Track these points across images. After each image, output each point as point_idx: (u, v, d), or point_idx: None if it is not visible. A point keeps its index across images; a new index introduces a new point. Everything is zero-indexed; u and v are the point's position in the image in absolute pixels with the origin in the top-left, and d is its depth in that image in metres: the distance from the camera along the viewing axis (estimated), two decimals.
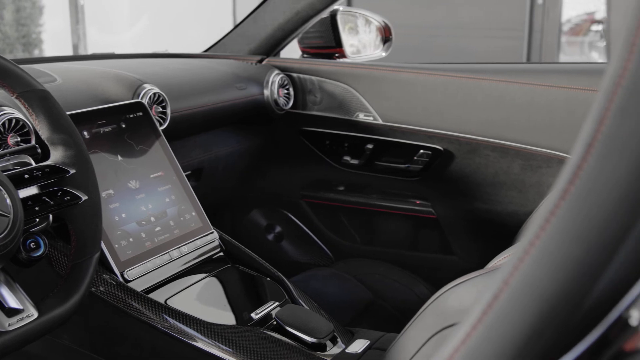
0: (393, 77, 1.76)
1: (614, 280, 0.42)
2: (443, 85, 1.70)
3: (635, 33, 0.43)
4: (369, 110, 1.79)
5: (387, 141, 1.80)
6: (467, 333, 0.42)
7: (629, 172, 0.41)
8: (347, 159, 1.88)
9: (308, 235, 2.03)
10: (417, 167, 1.79)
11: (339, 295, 1.71)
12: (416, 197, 1.87)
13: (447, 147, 1.73)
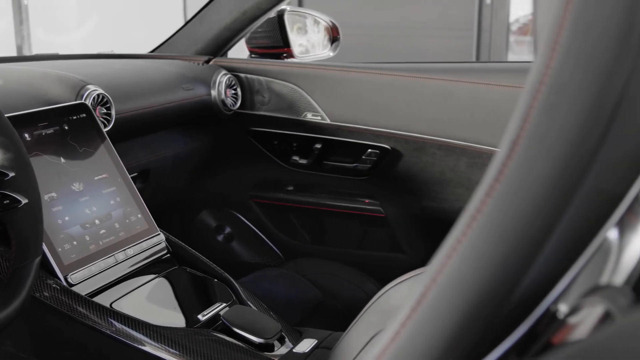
0: (341, 77, 1.77)
1: (540, 275, 0.43)
2: (390, 84, 1.71)
3: (557, 31, 0.43)
4: (317, 110, 1.79)
5: (336, 141, 1.80)
6: (396, 331, 0.42)
7: (552, 168, 0.42)
8: (296, 159, 1.88)
9: (258, 236, 2.03)
10: (366, 166, 1.80)
11: (289, 295, 1.71)
12: (365, 196, 1.88)
13: (395, 146, 1.74)
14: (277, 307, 1.43)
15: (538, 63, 0.44)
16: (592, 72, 0.42)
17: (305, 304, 1.68)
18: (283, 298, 1.69)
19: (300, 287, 1.74)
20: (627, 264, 0.51)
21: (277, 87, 1.83)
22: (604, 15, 0.43)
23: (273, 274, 1.82)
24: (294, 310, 1.64)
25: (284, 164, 1.90)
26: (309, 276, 1.78)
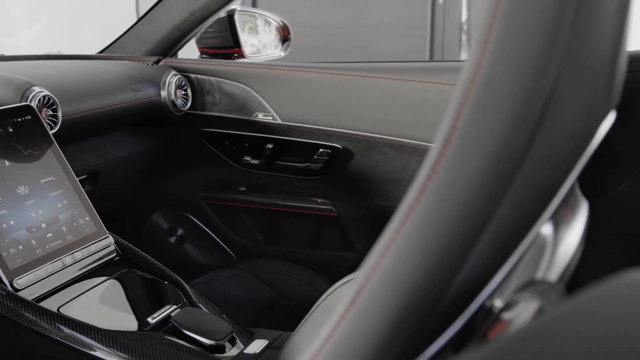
0: (291, 77, 1.77)
1: (474, 271, 0.44)
2: (340, 84, 1.72)
3: (488, 31, 0.44)
4: (267, 110, 1.79)
5: (287, 140, 1.80)
6: (331, 330, 0.42)
7: (483, 166, 0.42)
8: (248, 159, 1.87)
9: (210, 237, 2.02)
10: (317, 165, 1.80)
11: (241, 295, 1.71)
12: (317, 195, 1.88)
13: (346, 145, 1.75)
14: (230, 308, 1.42)
15: (469, 62, 0.44)
16: (522, 71, 0.43)
17: (258, 305, 1.67)
18: (236, 299, 1.68)
19: (252, 287, 1.73)
20: (561, 258, 0.52)
21: (228, 87, 1.83)
22: (533, 15, 0.44)
23: (226, 275, 1.81)
24: (246, 310, 1.64)
25: (235, 165, 1.90)
26: (262, 276, 1.78)
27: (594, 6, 0.46)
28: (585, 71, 0.47)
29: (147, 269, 1.34)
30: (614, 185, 1.65)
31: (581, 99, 0.47)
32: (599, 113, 0.51)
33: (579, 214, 0.57)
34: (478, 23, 0.46)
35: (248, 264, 1.92)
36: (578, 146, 0.49)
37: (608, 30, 0.49)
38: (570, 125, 0.47)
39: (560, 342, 0.34)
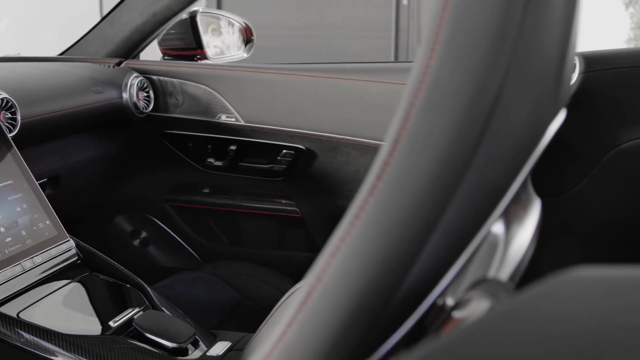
0: (254, 78, 1.77)
1: (425, 270, 0.44)
2: (303, 85, 1.72)
3: (436, 32, 0.45)
4: (230, 112, 1.79)
5: (250, 142, 1.80)
6: (282, 331, 0.43)
7: (432, 167, 0.43)
8: (211, 161, 1.87)
9: (174, 239, 2.01)
10: (281, 167, 1.80)
11: (206, 298, 1.70)
12: (281, 196, 1.88)
13: (309, 146, 1.75)
14: (194, 311, 1.42)
15: (418, 63, 0.45)
16: (470, 71, 0.44)
17: (222, 307, 1.67)
18: (200, 301, 1.67)
19: (217, 289, 1.73)
20: (513, 256, 0.53)
21: (191, 89, 1.82)
22: (480, 16, 0.44)
23: (190, 277, 1.81)
24: (211, 313, 1.63)
25: (199, 167, 1.89)
26: (226, 278, 1.78)
27: (541, 8, 0.47)
28: (533, 72, 0.48)
29: (109, 272, 1.33)
30: (571, 185, 1.67)
31: (529, 100, 0.48)
32: (548, 113, 0.52)
33: (532, 212, 0.58)
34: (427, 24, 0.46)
35: (212, 266, 1.91)
36: (527, 146, 0.50)
37: (555, 31, 0.50)
38: (519, 125, 0.48)
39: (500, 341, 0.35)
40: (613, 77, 1.60)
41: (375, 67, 1.78)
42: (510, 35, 0.45)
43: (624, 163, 1.62)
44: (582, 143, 1.65)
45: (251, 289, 1.75)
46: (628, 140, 1.61)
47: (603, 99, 1.61)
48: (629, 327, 0.33)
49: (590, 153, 1.65)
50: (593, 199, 1.67)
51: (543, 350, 0.33)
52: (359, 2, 7.47)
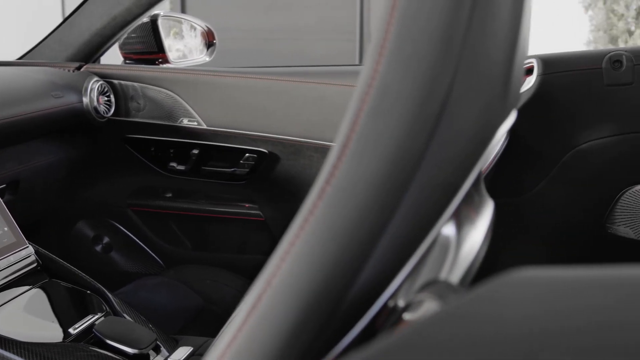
0: (215, 82, 1.76)
1: (375, 273, 0.44)
2: (265, 88, 1.72)
3: (384, 36, 0.45)
4: (192, 116, 1.78)
5: (213, 146, 1.80)
6: (233, 336, 0.43)
7: (380, 170, 0.43)
8: (174, 165, 1.86)
9: (137, 245, 1.99)
10: (244, 170, 1.80)
11: (169, 303, 1.69)
12: (244, 200, 1.88)
13: (272, 149, 1.75)
14: (157, 316, 1.41)
15: (366, 67, 0.45)
16: (417, 75, 0.44)
17: (186, 312, 1.66)
18: (163, 306, 1.66)
19: (180, 294, 1.72)
20: (465, 257, 0.54)
21: (152, 93, 1.81)
22: (427, 20, 0.45)
23: (153, 283, 1.79)
24: (174, 318, 1.62)
25: (161, 171, 1.88)
26: (190, 283, 1.77)
27: (487, 11, 0.47)
28: (481, 75, 0.48)
29: (69, 279, 1.32)
30: (531, 186, 1.70)
31: (477, 102, 0.49)
32: (497, 115, 0.53)
33: (484, 214, 0.58)
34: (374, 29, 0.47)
35: (176, 271, 1.90)
36: (476, 147, 0.51)
37: (502, 35, 0.50)
38: (468, 127, 0.48)
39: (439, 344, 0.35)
40: (571, 79, 1.62)
41: (338, 70, 1.79)
42: (457, 40, 0.45)
43: (582, 164, 1.65)
44: (541, 144, 1.68)
45: (215, 294, 1.75)
46: (586, 142, 1.63)
47: (561, 100, 1.64)
48: (568, 329, 0.34)
49: (549, 154, 1.67)
50: (552, 199, 1.69)
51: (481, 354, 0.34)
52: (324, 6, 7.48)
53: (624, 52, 1.59)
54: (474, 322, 0.36)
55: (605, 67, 1.59)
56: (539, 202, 1.70)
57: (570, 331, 0.33)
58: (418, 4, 0.45)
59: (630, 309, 0.34)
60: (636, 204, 1.64)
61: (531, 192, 1.70)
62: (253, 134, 1.75)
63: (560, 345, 0.32)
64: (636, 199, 1.64)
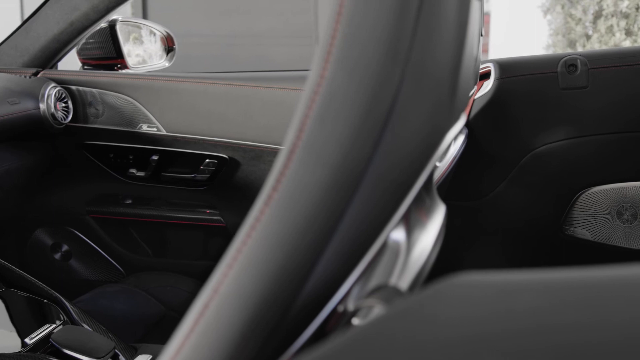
0: (174, 87, 1.75)
1: (323, 278, 0.45)
2: (224, 93, 1.72)
3: (330, 42, 0.45)
4: (152, 122, 1.77)
5: (173, 152, 1.79)
6: (180, 344, 0.42)
7: (327, 176, 0.43)
8: (133, 172, 1.84)
9: (97, 252, 1.97)
10: (204, 176, 1.79)
11: (129, 310, 1.68)
12: (205, 206, 1.87)
13: (232, 155, 1.75)
14: (117, 324, 1.39)
15: (312, 74, 0.45)
16: (363, 81, 0.44)
17: (146, 319, 1.64)
18: (123, 314, 1.65)
19: (141, 302, 1.70)
20: (415, 261, 0.54)
21: (111, 99, 1.79)
22: (373, 26, 0.45)
23: (113, 290, 1.77)
24: (135, 326, 1.61)
25: (121, 178, 1.86)
26: (151, 290, 1.75)
27: (433, 16, 0.48)
28: (428, 78, 0.49)
29: (26, 288, 1.30)
30: (490, 189, 1.71)
31: (425, 106, 0.49)
32: (445, 119, 0.53)
33: (435, 218, 0.59)
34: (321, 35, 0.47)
35: (136, 278, 1.88)
36: (425, 152, 0.51)
37: (448, 39, 0.51)
38: (416, 132, 0.49)
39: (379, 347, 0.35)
40: (527, 83, 1.65)
41: (297, 74, 1.79)
42: (402, 46, 0.46)
43: (539, 166, 1.67)
44: (498, 148, 1.70)
45: (176, 300, 1.73)
46: (543, 145, 1.66)
47: (518, 104, 1.66)
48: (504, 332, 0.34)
49: (507, 157, 1.69)
50: (510, 201, 1.71)
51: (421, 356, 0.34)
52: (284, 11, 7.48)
53: (578, 56, 1.62)
54: (414, 326, 0.36)
55: (560, 71, 1.61)
56: (497, 204, 1.71)
57: (506, 334, 0.34)
58: (364, 10, 0.45)
59: (564, 311, 0.35)
60: (592, 205, 1.67)
61: (490, 195, 1.71)
62: (213, 140, 1.74)
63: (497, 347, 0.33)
64: (592, 200, 1.67)
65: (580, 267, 0.40)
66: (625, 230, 1.65)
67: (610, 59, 1.61)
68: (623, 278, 0.38)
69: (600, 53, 1.65)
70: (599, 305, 0.35)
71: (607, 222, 1.66)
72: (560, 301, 0.35)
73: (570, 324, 0.33)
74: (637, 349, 0.31)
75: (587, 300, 0.35)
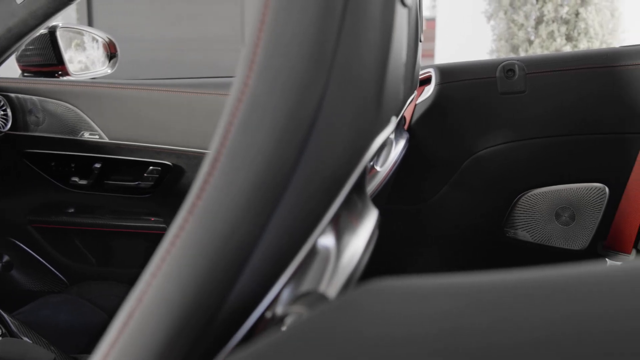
0: (116, 94, 1.74)
1: (250, 284, 0.45)
2: (167, 100, 1.71)
3: (253, 50, 0.45)
4: (94, 129, 1.75)
5: (115, 159, 1.77)
6: (105, 354, 0.42)
7: (251, 183, 0.43)
8: (76, 180, 1.82)
9: (39, 262, 1.94)
10: (148, 183, 1.78)
11: (73, 321, 1.65)
12: (149, 214, 1.85)
13: (176, 162, 1.74)
14: (60, 335, 1.37)
15: (237, 81, 0.46)
16: (287, 87, 0.45)
17: (90, 329, 1.62)
18: (66, 325, 1.62)
19: (85, 311, 1.68)
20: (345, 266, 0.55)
21: (52, 106, 1.77)
22: (296, 32, 0.45)
23: (56, 301, 1.75)
24: (78, 336, 1.59)
25: (63, 186, 1.83)
26: (94, 300, 1.73)
27: (357, 23, 0.49)
28: (353, 85, 0.49)
29: None
30: (432, 193, 1.74)
31: (351, 112, 0.50)
32: (372, 124, 0.54)
33: (366, 222, 0.59)
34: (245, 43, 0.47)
35: (80, 288, 1.86)
36: (352, 157, 0.52)
37: (373, 45, 0.52)
38: (342, 137, 0.49)
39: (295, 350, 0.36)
40: (467, 88, 1.67)
41: None
42: (327, 52, 0.46)
43: (480, 170, 1.70)
44: (440, 152, 1.72)
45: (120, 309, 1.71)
46: (483, 148, 1.68)
47: (458, 109, 1.68)
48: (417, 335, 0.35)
49: (448, 161, 1.72)
50: (453, 205, 1.74)
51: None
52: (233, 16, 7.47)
53: (516, 61, 1.65)
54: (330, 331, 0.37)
55: (499, 76, 1.64)
56: (439, 208, 1.74)
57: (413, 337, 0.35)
58: (286, 17, 0.45)
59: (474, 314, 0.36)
60: (532, 208, 1.70)
61: (432, 199, 1.74)
62: (156, 147, 1.73)
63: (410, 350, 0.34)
64: (531, 203, 1.70)
65: (514, 269, 0.41)
66: (564, 231, 1.69)
67: (547, 64, 1.65)
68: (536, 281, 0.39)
69: (537, 58, 1.69)
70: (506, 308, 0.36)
71: (547, 223, 1.70)
72: (469, 304, 0.36)
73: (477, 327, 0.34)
74: (538, 350, 0.32)
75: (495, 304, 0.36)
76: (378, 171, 1.29)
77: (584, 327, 0.34)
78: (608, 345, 0.32)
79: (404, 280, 0.40)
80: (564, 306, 0.36)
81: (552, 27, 7.69)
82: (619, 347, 0.32)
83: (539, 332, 0.33)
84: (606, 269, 0.40)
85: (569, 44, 7.72)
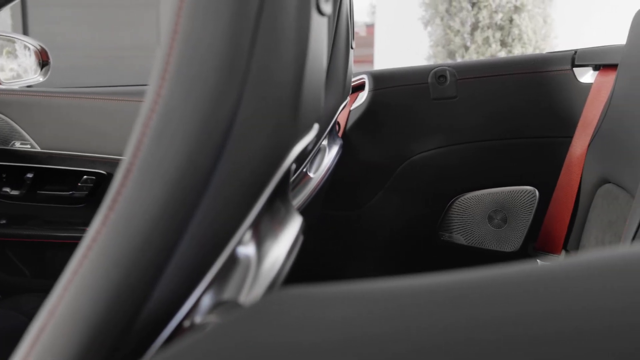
0: (47, 103, 1.71)
1: (166, 294, 0.45)
2: (100, 108, 1.69)
3: (166, 60, 0.46)
4: (25, 138, 1.72)
5: (48, 169, 1.74)
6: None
7: (164, 195, 0.44)
8: (7, 191, 1.78)
9: None
10: (82, 193, 1.75)
11: (6, 335, 1.62)
12: (84, 224, 1.83)
13: (111, 171, 1.72)
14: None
15: (150, 92, 0.46)
16: (200, 99, 0.45)
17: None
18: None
19: (18, 325, 1.65)
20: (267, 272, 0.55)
21: None
22: (209, 44, 0.46)
23: None
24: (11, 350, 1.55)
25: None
26: (29, 312, 1.69)
27: (270, 35, 0.49)
28: (268, 96, 0.50)
29: None
30: (368, 198, 1.75)
31: (266, 123, 0.50)
32: (289, 135, 0.55)
33: (289, 228, 0.60)
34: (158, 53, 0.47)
35: (13, 301, 1.81)
36: (269, 167, 0.52)
37: (289, 52, 0.52)
38: (258, 145, 0.50)
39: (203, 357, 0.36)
40: (400, 94, 1.70)
41: None
42: (240, 63, 0.46)
43: (414, 175, 1.72)
44: (375, 157, 1.74)
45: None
46: (417, 153, 1.71)
47: (392, 114, 1.71)
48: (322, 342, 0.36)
49: (383, 167, 1.74)
50: (388, 210, 1.76)
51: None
52: None
53: (447, 67, 1.68)
54: (234, 338, 0.37)
55: (431, 82, 1.67)
56: (375, 213, 1.76)
57: (312, 345, 0.35)
58: (200, 27, 0.45)
59: (379, 321, 0.36)
60: (465, 211, 1.74)
61: (367, 204, 1.75)
62: (90, 156, 1.71)
63: (306, 357, 0.34)
64: (465, 206, 1.73)
65: (444, 272, 0.41)
66: (496, 234, 1.72)
67: (477, 70, 1.68)
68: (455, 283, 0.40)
69: (468, 64, 1.72)
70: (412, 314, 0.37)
71: (480, 226, 1.73)
72: (368, 311, 0.37)
73: (376, 334, 0.35)
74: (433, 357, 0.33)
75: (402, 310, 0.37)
76: (311, 177, 1.30)
77: (488, 330, 0.35)
78: (506, 347, 0.33)
79: (314, 287, 0.41)
80: (474, 308, 0.37)
81: (488, 33, 7.84)
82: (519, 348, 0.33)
83: (437, 338, 0.34)
84: (528, 268, 0.40)
85: (503, 49, 7.88)
